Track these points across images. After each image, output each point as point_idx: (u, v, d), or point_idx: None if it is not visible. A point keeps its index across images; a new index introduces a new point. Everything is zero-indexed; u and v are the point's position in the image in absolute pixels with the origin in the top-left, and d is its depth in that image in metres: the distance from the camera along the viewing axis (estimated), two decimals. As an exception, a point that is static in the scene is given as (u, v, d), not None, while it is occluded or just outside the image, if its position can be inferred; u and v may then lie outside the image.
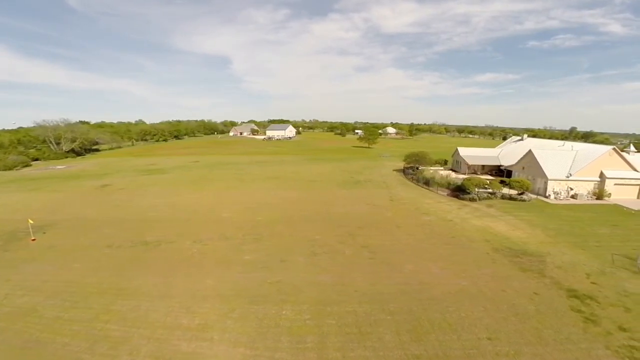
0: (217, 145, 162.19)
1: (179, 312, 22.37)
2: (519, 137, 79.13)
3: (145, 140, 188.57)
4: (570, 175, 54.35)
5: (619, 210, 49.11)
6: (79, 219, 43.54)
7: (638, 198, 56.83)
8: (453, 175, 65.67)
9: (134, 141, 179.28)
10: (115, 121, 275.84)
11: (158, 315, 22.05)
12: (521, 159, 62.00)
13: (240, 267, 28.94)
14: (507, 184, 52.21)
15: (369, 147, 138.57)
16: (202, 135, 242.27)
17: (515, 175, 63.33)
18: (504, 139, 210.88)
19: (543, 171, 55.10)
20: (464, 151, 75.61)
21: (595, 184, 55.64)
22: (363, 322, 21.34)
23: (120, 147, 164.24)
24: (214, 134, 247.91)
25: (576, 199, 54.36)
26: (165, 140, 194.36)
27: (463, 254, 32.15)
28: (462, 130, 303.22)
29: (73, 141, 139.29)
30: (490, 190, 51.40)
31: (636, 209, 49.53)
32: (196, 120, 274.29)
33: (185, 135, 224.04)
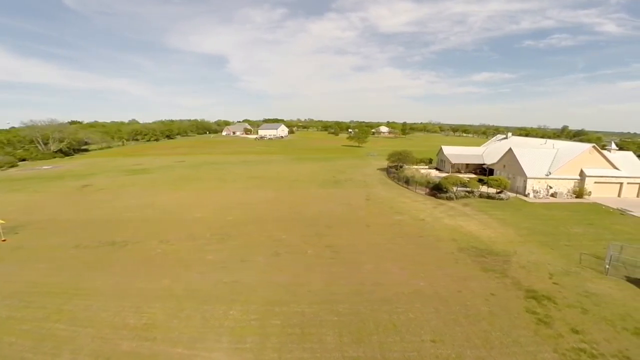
0: (208, 144, 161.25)
1: (129, 311, 22.21)
2: (503, 136, 78.52)
3: (137, 140, 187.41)
4: (550, 173, 53.77)
5: (597, 208, 48.58)
6: (53, 220, 43.03)
7: (619, 196, 56.30)
8: (434, 174, 65.00)
9: (125, 141, 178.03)
10: (111, 121, 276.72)
11: (108, 315, 21.92)
12: (502, 157, 61.44)
13: (199, 267, 28.59)
14: (485, 183, 51.49)
15: (358, 146, 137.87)
16: (195, 134, 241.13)
17: (497, 174, 62.75)
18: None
19: (522, 169, 54.51)
20: (447, 150, 75.01)
21: (575, 182, 55.09)
22: (308, 323, 20.91)
23: (110, 147, 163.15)
24: (206, 133, 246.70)
25: (556, 197, 53.77)
26: (156, 140, 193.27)
27: (427, 254, 31.50)
28: (456, 129, 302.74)
29: (61, 141, 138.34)
30: (468, 189, 50.72)
31: (615, 208, 48.99)
32: (189, 120, 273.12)
33: (177, 134, 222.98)
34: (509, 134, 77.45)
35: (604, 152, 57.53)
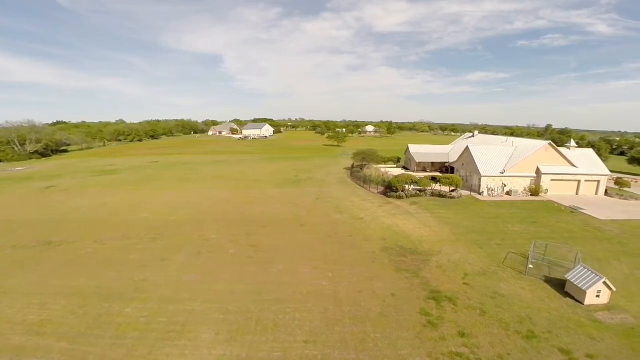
0: (189, 145, 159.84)
1: (33, 308, 22.49)
2: (471, 134, 77.75)
3: (119, 140, 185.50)
4: (504, 171, 52.94)
5: (549, 206, 47.85)
6: (4, 221, 42.62)
7: (577, 194, 55.61)
8: (396, 172, 64.06)
9: (106, 142, 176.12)
10: (100, 121, 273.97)
11: (13, 311, 22.18)
12: (460, 155, 60.64)
13: (119, 267, 28.68)
14: (438, 181, 50.60)
15: (338, 146, 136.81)
16: (181, 135, 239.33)
17: (457, 172, 61.98)
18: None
19: (477, 167, 53.66)
20: (413, 148, 74.21)
21: (531, 180, 54.37)
22: (192, 321, 20.88)
23: (90, 148, 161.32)
24: (191, 133, 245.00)
25: (511, 195, 52.96)
26: (140, 140, 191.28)
27: (347, 254, 30.66)
28: (445, 128, 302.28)
29: (38, 142, 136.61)
30: (419, 188, 49.79)
31: (567, 205, 48.27)
32: (176, 120, 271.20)
33: (163, 135, 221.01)
34: (476, 132, 76.73)
35: (561, 149, 56.86)
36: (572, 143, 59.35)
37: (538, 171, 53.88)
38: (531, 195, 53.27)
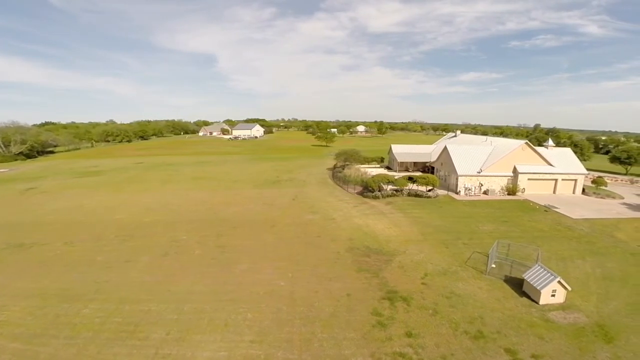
0: (177, 145, 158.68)
1: None
2: (453, 134, 77.87)
3: (108, 141, 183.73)
4: (481, 171, 52.98)
5: (524, 205, 47.98)
6: None
7: (555, 193, 55.86)
8: (376, 172, 63.91)
9: (94, 142, 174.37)
10: (90, 122, 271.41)
11: None
12: (440, 155, 60.70)
13: (84, 268, 28.61)
14: (415, 181, 50.51)
15: (326, 146, 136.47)
16: (171, 135, 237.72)
17: (437, 172, 62.01)
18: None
19: (454, 167, 53.67)
20: (396, 148, 74.17)
21: (508, 179, 54.49)
22: (146, 321, 20.91)
23: (78, 149, 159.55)
24: (181, 134, 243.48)
25: (488, 194, 53.03)
26: (129, 141, 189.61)
27: (312, 254, 30.49)
28: (437, 127, 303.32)
29: (23, 143, 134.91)
30: (395, 188, 49.67)
31: (542, 204, 48.43)
32: (167, 120, 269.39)
33: (153, 135, 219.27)
34: (458, 132, 76.95)
35: (539, 148, 57.10)
36: (550, 142, 59.57)
37: (515, 170, 54.03)
38: (508, 194, 53.39)
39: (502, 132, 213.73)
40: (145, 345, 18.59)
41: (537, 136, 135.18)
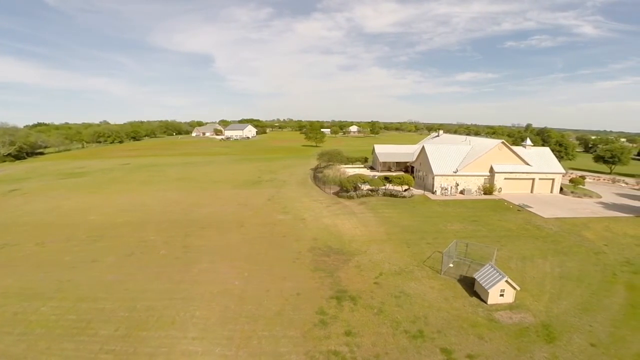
0: (167, 146, 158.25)
1: None
2: (436, 134, 77.97)
3: (99, 142, 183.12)
4: (457, 170, 53.03)
5: (499, 205, 48.06)
6: None
7: (532, 192, 55.98)
8: (358, 172, 63.89)
9: (85, 143, 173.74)
10: (84, 122, 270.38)
11: None
12: (418, 155, 60.70)
13: (50, 268, 28.74)
14: (390, 181, 50.52)
15: (316, 146, 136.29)
16: (164, 136, 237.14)
17: (416, 172, 62.03)
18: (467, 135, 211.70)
19: (431, 167, 53.72)
20: (379, 148, 74.20)
21: (485, 178, 54.57)
22: (98, 318, 21.31)
23: (68, 150, 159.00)
24: (173, 134, 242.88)
25: (464, 194, 53.08)
26: (120, 142, 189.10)
27: (273, 254, 30.63)
28: (431, 127, 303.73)
29: (12, 145, 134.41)
30: (371, 188, 49.65)
31: (517, 204, 48.52)
32: (160, 121, 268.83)
33: (145, 136, 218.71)
34: (441, 132, 77.09)
35: (516, 148, 57.22)
36: (528, 142, 59.73)
37: (492, 170, 54.13)
38: (485, 194, 53.47)
39: (494, 131, 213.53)
40: (92, 341, 19.00)
41: (524, 136, 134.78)
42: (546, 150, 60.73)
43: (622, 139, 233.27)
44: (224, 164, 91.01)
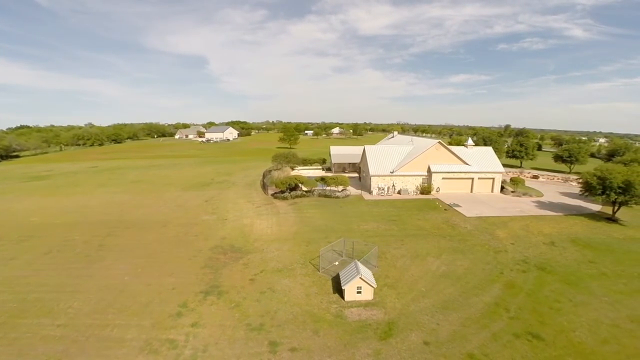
0: (144, 149, 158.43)
1: None
2: (392, 135, 79.06)
3: (79, 145, 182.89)
4: (393, 171, 54.04)
5: (429, 204, 49.05)
6: None
7: (472, 192, 57.03)
8: (309, 174, 64.86)
9: (63, 146, 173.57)
10: (80, 123, 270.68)
11: None
12: (362, 156, 61.57)
13: None
14: (325, 181, 51.46)
15: (290, 148, 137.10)
16: (147, 138, 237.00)
17: (362, 172, 62.95)
18: (450, 136, 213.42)
19: (368, 167, 54.72)
20: (333, 150, 75.29)
21: (423, 178, 55.59)
22: None
23: (45, 153, 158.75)
24: (154, 137, 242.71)
25: (401, 194, 54.06)
26: (101, 144, 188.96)
27: (175, 252, 31.87)
28: (417, 129, 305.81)
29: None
30: (306, 189, 50.56)
31: (448, 203, 49.45)
32: (145, 123, 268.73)
33: (127, 138, 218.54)
34: (395, 133, 78.12)
35: (455, 147, 58.44)
36: (470, 141, 61.00)
37: (429, 170, 55.12)
38: (422, 193, 54.52)
39: (475, 132, 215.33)
40: None
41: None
42: (488, 150, 61.90)
43: (602, 140, 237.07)
44: (187, 167, 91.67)
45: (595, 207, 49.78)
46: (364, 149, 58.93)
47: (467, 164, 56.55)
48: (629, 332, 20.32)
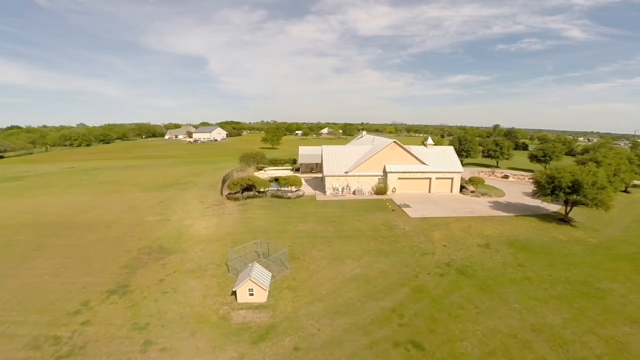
0: (128, 149, 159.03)
1: None
2: (360, 135, 79.44)
3: (65, 145, 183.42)
4: (348, 171, 54.41)
5: (378, 205, 49.43)
6: None
7: (430, 192, 57.34)
8: (277, 174, 65.26)
9: (49, 147, 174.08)
10: (65, 124, 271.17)
11: None
12: (321, 156, 61.95)
13: None
14: (279, 182, 51.93)
15: (272, 148, 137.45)
16: (137, 138, 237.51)
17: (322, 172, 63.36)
18: (442, 137, 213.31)
19: (323, 167, 55.12)
20: (302, 150, 75.75)
21: (379, 178, 55.94)
22: None
23: (30, 154, 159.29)
24: (143, 137, 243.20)
25: (356, 195, 54.43)
26: (88, 145, 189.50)
27: (105, 252, 32.48)
28: (410, 129, 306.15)
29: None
30: (258, 190, 51.00)
31: (398, 204, 49.79)
32: (135, 124, 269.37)
33: (117, 139, 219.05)
34: (364, 132, 78.48)
35: (413, 147, 58.76)
36: (429, 141, 61.47)
37: (384, 170, 55.43)
38: (377, 194, 54.87)
39: (465, 131, 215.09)
40: None
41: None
42: (448, 149, 62.28)
43: (595, 140, 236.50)
44: (162, 167, 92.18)
45: (554, 208, 49.25)
46: (321, 149, 59.30)
47: (424, 163, 56.91)
48: (523, 343, 19.38)
